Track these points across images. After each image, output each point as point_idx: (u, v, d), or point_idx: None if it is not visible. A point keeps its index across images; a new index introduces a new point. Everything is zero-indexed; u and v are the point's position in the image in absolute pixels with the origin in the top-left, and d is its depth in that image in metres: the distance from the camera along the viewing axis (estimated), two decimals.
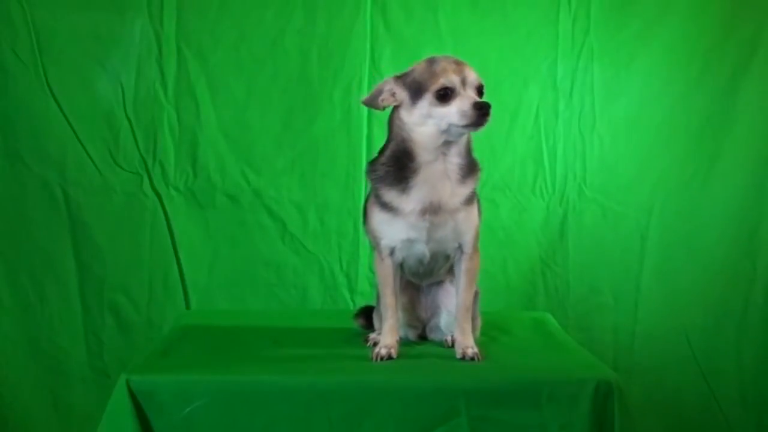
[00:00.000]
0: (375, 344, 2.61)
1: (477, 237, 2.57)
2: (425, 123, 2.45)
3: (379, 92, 2.51)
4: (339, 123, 3.71)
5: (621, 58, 3.77)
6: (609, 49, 3.75)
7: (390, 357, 2.49)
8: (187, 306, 3.71)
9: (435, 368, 2.46)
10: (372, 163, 2.58)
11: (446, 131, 2.43)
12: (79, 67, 3.62)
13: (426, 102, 2.43)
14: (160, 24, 3.62)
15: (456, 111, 2.40)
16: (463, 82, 2.42)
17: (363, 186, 3.69)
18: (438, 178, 2.48)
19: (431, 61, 2.47)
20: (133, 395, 2.25)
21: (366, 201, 2.66)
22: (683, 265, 3.83)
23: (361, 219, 3.69)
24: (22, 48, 3.55)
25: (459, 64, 2.45)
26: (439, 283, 2.72)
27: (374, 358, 2.49)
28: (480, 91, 2.45)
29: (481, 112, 2.38)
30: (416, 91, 2.45)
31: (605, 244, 3.82)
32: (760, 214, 3.82)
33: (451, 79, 2.41)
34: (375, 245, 2.60)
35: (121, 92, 3.64)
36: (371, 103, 2.53)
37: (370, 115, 3.69)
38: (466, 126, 2.41)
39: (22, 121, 3.58)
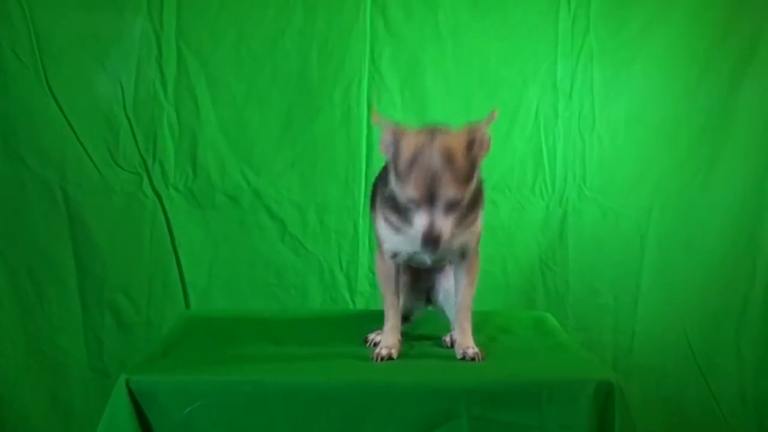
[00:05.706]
0: (375, 344, 2.61)
1: (479, 242, 2.56)
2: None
3: (383, 137, 2.34)
4: (339, 123, 3.70)
5: (621, 58, 3.76)
6: (609, 49, 3.75)
7: (390, 357, 2.49)
8: (187, 306, 3.70)
9: (435, 368, 2.46)
10: (381, 179, 2.49)
11: None
12: (79, 67, 3.61)
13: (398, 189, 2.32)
14: (160, 24, 3.62)
15: (412, 228, 2.31)
16: (431, 199, 2.24)
17: (363, 186, 3.69)
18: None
19: (415, 156, 2.24)
20: (133, 395, 2.25)
21: (374, 194, 2.59)
22: (683, 264, 3.83)
23: (361, 219, 3.71)
24: (22, 48, 3.55)
25: (436, 177, 2.22)
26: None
27: (374, 358, 2.48)
28: (451, 205, 2.26)
29: (427, 248, 2.28)
30: (393, 173, 2.32)
31: (605, 244, 3.82)
32: (760, 214, 3.82)
33: (417, 196, 2.24)
34: (378, 244, 2.59)
35: (121, 92, 3.64)
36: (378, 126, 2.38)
37: (370, 115, 3.69)
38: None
39: (22, 121, 3.58)
